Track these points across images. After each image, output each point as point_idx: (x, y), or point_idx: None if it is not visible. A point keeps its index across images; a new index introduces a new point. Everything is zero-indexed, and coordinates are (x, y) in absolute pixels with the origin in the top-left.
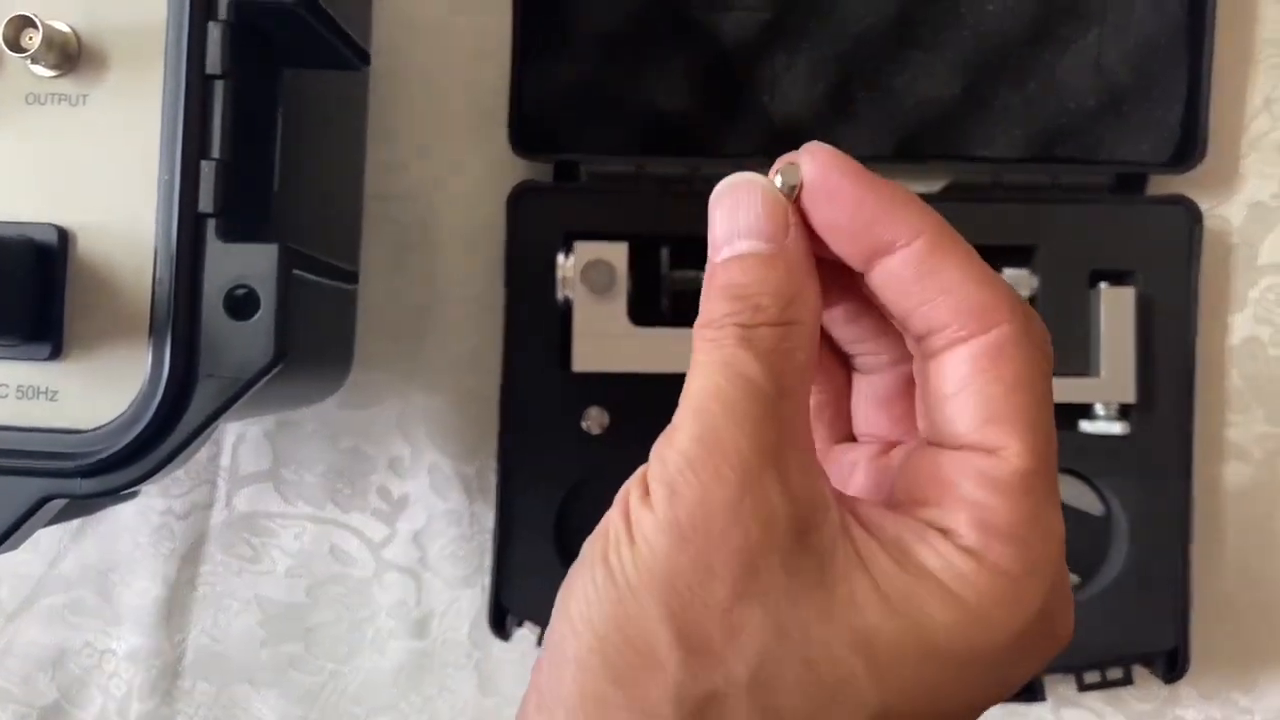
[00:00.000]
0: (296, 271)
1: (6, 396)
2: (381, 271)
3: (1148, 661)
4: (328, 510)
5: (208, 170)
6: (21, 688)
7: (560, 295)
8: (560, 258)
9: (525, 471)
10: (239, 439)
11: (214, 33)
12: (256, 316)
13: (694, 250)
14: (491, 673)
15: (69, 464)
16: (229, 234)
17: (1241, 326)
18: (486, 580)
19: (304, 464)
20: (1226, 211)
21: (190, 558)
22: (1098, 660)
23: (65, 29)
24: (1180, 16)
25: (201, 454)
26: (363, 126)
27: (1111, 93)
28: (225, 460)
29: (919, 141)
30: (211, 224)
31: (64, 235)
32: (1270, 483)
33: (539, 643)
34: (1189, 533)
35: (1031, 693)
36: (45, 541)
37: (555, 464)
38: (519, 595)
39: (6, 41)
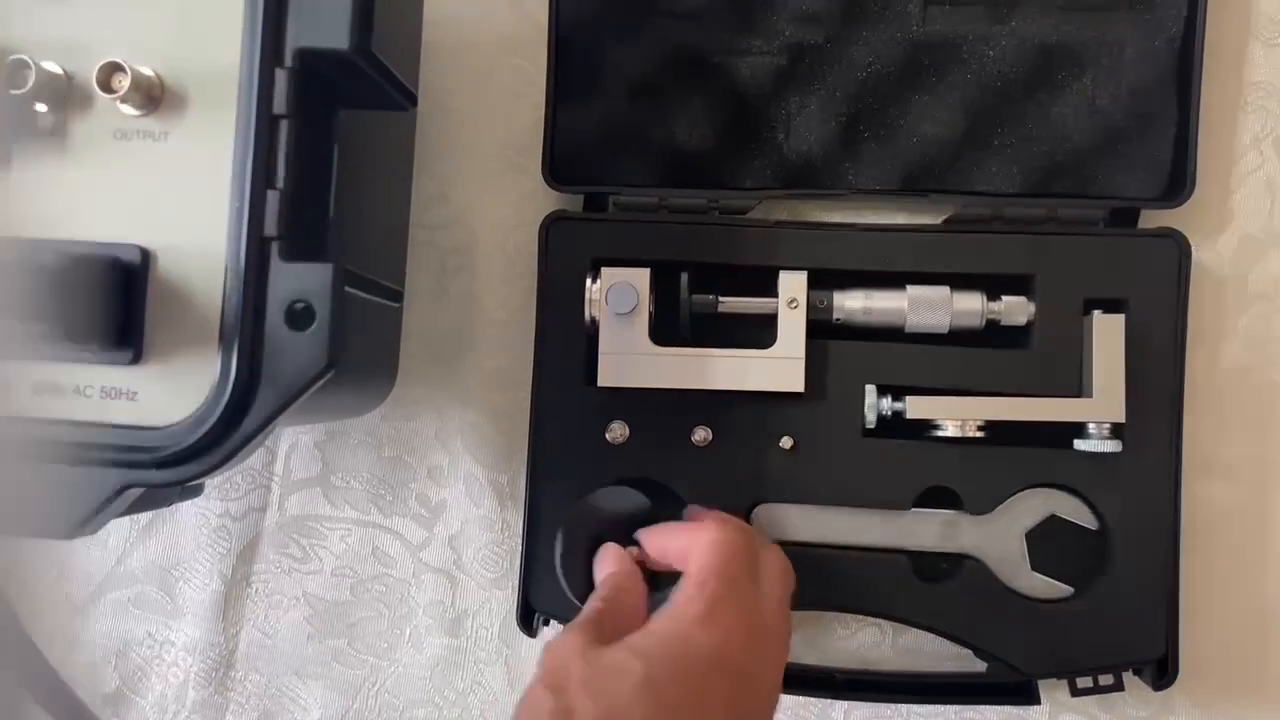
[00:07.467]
0: (348, 289)
1: (92, 396)
2: (424, 295)
3: (1138, 669)
4: (371, 514)
5: (273, 199)
6: (88, 677)
7: (588, 316)
8: (588, 282)
9: (553, 479)
10: (291, 448)
11: (280, 78)
12: (313, 328)
13: (711, 276)
14: (520, 668)
15: (146, 456)
16: (290, 255)
17: (1231, 353)
18: (516, 581)
19: (350, 471)
20: (1217, 243)
21: (245, 556)
22: (1090, 667)
23: (150, 74)
24: (1170, 60)
25: (257, 461)
26: (409, 161)
27: (1105, 132)
28: (279, 467)
29: (923, 177)
30: (275, 246)
31: (146, 255)
32: (1256, 501)
33: None
34: (1178, 547)
35: (1027, 696)
36: (113, 540)
37: (580, 472)
38: (546, 595)
39: (99, 84)
